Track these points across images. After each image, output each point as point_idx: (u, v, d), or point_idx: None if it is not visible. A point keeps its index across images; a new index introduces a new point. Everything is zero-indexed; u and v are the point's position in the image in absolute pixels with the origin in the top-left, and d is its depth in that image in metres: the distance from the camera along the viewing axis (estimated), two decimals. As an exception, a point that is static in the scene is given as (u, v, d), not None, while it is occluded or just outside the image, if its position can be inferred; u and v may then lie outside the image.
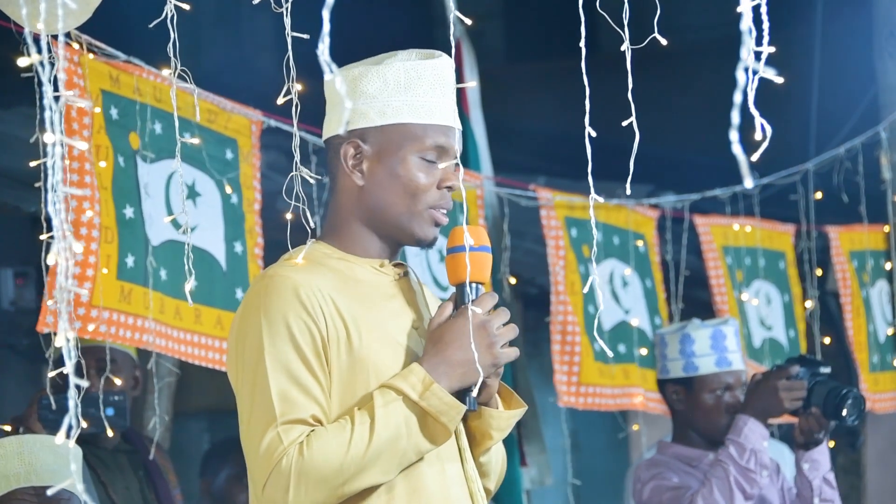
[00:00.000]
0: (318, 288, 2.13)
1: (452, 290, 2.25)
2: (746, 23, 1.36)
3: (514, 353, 2.16)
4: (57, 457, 2.77)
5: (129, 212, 3.14)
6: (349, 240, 2.24)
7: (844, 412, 3.47)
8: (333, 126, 2.24)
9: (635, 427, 4.68)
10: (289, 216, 2.32)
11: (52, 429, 3.21)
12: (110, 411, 3.30)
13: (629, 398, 4.42)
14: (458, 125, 2.22)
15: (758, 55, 1.43)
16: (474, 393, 2.13)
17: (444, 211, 2.23)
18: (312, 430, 2.07)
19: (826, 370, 3.59)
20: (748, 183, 1.41)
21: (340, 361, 2.13)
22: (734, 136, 1.38)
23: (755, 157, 1.42)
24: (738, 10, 1.43)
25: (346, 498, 2.08)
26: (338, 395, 2.13)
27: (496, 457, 2.30)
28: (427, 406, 2.08)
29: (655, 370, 4.48)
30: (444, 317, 2.16)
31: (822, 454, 3.59)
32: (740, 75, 1.39)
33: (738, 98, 1.39)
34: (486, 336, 2.12)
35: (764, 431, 3.49)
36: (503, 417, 2.22)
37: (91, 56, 3.07)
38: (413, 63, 2.19)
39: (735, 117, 1.37)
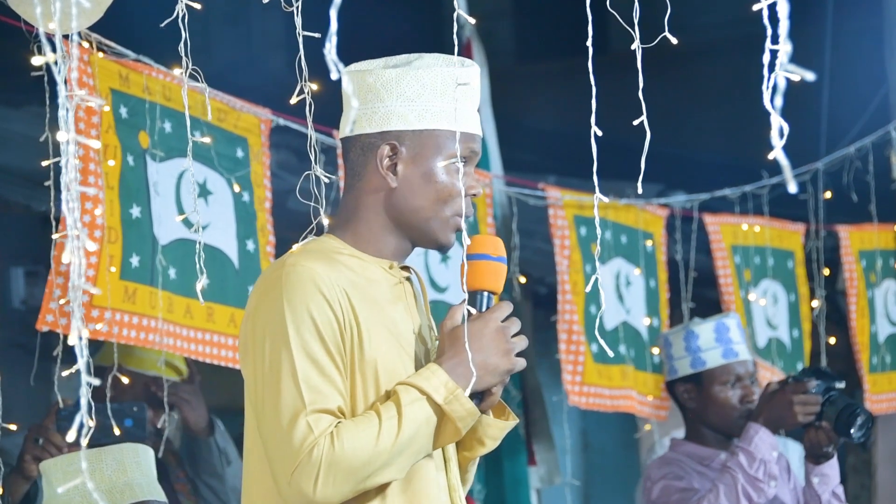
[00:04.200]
0: (335, 282, 2.12)
1: (448, 290, 2.26)
2: (783, 27, 1.36)
3: (524, 362, 2.18)
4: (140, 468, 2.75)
5: (135, 211, 3.14)
6: (364, 238, 2.22)
7: (853, 430, 3.48)
8: (360, 124, 2.21)
9: (647, 427, 4.66)
10: (319, 220, 2.33)
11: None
12: (129, 422, 3.31)
13: (625, 400, 4.42)
14: (481, 132, 2.26)
15: (773, 53, 1.43)
16: (494, 395, 2.16)
17: (465, 219, 2.23)
18: (340, 422, 2.05)
19: (840, 385, 3.59)
20: (792, 188, 1.41)
21: (352, 357, 2.12)
22: (776, 139, 1.37)
23: (772, 155, 1.41)
24: (755, 7, 1.43)
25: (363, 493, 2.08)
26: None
27: (475, 466, 2.32)
28: (449, 410, 2.08)
29: (650, 373, 4.49)
30: (456, 320, 2.16)
31: (831, 468, 3.59)
32: (780, 79, 1.38)
33: (778, 102, 1.38)
34: (503, 342, 2.13)
35: (774, 441, 3.50)
36: (498, 427, 2.23)
37: (101, 55, 3.08)
38: (450, 69, 2.20)
39: (774, 122, 1.36)
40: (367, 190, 2.22)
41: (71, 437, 1.44)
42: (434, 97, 2.19)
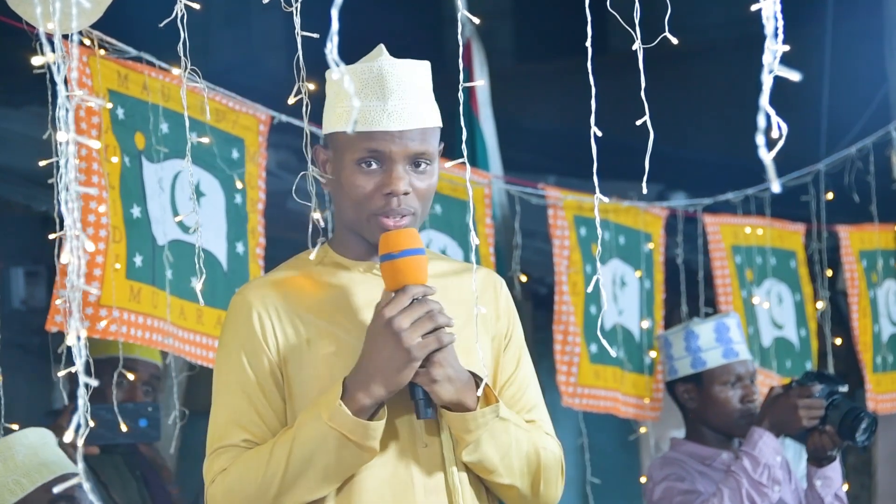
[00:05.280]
0: (276, 307, 2.18)
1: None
2: (770, 25, 1.35)
3: (432, 343, 2.08)
4: (33, 451, 2.78)
5: (136, 211, 3.15)
6: (341, 243, 2.27)
7: (858, 434, 3.49)
8: (325, 124, 2.26)
9: (643, 430, 4.66)
10: (316, 215, 2.34)
11: (89, 438, 3.22)
12: (144, 423, 3.31)
13: (611, 402, 4.41)
14: (402, 126, 2.15)
15: (772, 53, 1.43)
16: (438, 392, 2.11)
17: (394, 217, 2.17)
18: (237, 456, 2.12)
19: (843, 389, 3.59)
20: (775, 188, 1.40)
21: (301, 375, 2.16)
22: (760, 140, 1.37)
23: (771, 155, 1.41)
24: (754, 8, 1.43)
25: None
26: (299, 408, 2.15)
27: (504, 451, 2.20)
28: (337, 427, 2.06)
29: (642, 374, 4.48)
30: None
31: (834, 471, 3.59)
32: (766, 78, 1.38)
33: (763, 101, 1.38)
34: (391, 335, 2.06)
35: (777, 446, 3.49)
36: (468, 419, 2.14)
37: (102, 53, 3.07)
38: (353, 67, 2.18)
39: (761, 121, 1.36)
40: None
41: (68, 437, 1.44)
42: (340, 98, 2.19)
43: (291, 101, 2.33)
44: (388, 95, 2.15)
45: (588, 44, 1.90)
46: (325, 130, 2.24)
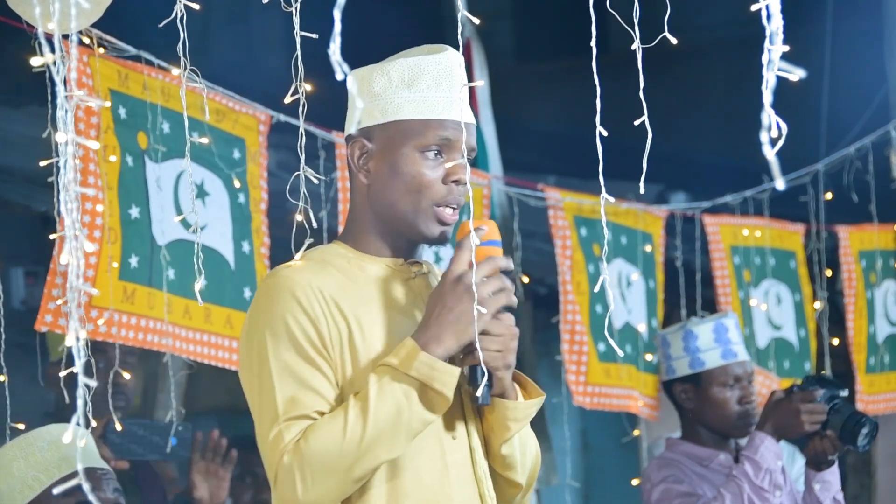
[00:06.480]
0: (319, 289, 2.14)
1: None
2: (776, 23, 1.35)
3: (502, 298, 2.11)
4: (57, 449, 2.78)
5: (134, 212, 3.14)
6: (362, 239, 2.25)
7: (860, 439, 3.49)
8: (349, 126, 2.25)
9: (636, 432, 4.67)
10: (298, 217, 2.32)
11: (120, 453, 3.23)
12: (174, 441, 3.30)
13: (629, 400, 4.42)
14: (467, 119, 2.19)
15: (772, 52, 1.43)
16: (489, 384, 2.11)
17: (452, 208, 2.20)
18: (310, 424, 2.08)
19: (844, 393, 3.59)
20: (780, 185, 1.40)
21: (344, 362, 2.14)
22: (765, 137, 1.37)
23: (770, 155, 1.41)
24: (754, 7, 1.43)
25: (363, 482, 2.08)
26: (342, 394, 2.13)
27: (522, 448, 2.25)
28: (417, 375, 2.06)
29: (653, 374, 4.48)
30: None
31: (833, 475, 3.59)
32: (770, 77, 1.38)
33: (768, 99, 1.38)
34: (465, 291, 2.08)
35: (778, 450, 3.49)
36: (519, 408, 2.18)
37: (101, 50, 3.08)
38: (416, 59, 2.19)
39: (765, 119, 1.36)
40: (355, 191, 2.26)
41: (67, 438, 1.44)
42: (400, 89, 2.18)
43: (288, 100, 2.32)
44: (453, 88, 2.18)
45: (592, 43, 1.91)
46: (371, 122, 2.21)
